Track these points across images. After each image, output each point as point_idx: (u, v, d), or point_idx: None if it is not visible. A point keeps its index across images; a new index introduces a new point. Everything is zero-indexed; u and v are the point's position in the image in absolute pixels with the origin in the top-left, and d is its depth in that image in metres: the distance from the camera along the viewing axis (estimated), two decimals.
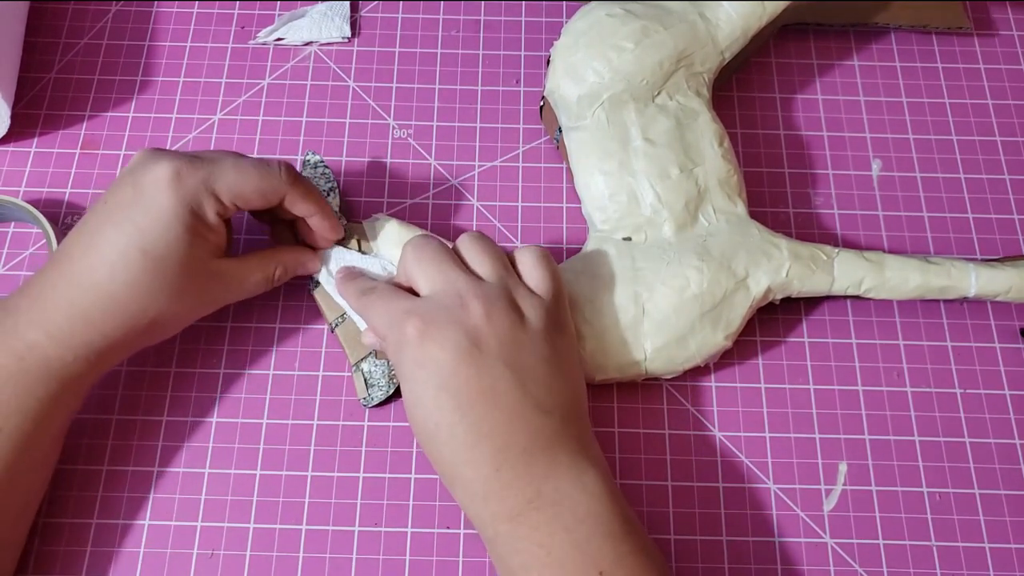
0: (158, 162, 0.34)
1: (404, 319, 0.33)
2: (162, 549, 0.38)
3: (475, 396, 0.32)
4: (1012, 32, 0.50)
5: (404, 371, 0.33)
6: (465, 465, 0.32)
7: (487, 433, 0.32)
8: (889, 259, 0.40)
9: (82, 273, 0.33)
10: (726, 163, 0.41)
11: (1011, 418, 0.41)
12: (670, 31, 0.41)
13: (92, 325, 0.33)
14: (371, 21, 0.50)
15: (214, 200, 0.35)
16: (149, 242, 0.33)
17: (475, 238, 0.36)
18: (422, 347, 0.32)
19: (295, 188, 0.37)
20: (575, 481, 0.32)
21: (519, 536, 0.32)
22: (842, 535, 0.38)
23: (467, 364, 0.32)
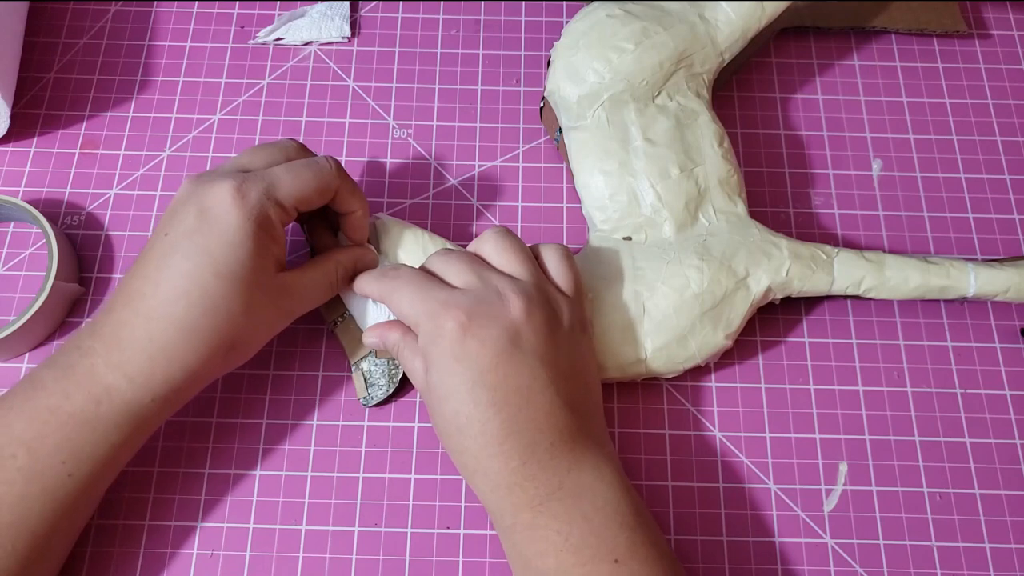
0: (216, 183, 0.33)
1: (443, 311, 0.33)
2: (162, 549, 0.38)
3: (511, 393, 0.32)
4: (1012, 32, 0.50)
5: (439, 363, 0.33)
6: (493, 458, 0.32)
7: (518, 430, 0.32)
8: (889, 259, 0.40)
9: (158, 308, 0.32)
10: (726, 163, 0.41)
11: (1011, 418, 0.41)
12: (670, 32, 0.41)
13: (174, 360, 0.33)
14: (371, 21, 0.50)
15: (279, 209, 0.34)
16: (223, 265, 0.33)
17: (502, 235, 0.36)
18: (463, 342, 0.32)
19: (345, 182, 0.37)
20: (595, 474, 0.33)
21: (539, 524, 0.32)
22: (842, 535, 0.38)
23: (506, 362, 0.32)
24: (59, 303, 0.41)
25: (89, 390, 0.32)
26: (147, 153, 0.46)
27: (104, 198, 0.45)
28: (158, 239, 0.34)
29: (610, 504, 0.32)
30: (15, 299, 0.42)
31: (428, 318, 0.33)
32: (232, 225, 0.33)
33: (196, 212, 0.33)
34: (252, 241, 0.33)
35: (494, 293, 0.33)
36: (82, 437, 0.32)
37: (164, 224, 0.34)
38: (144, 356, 0.32)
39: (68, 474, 0.32)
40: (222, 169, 0.36)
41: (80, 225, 0.44)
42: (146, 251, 0.34)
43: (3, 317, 0.42)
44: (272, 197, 0.34)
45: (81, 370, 0.32)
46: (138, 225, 0.44)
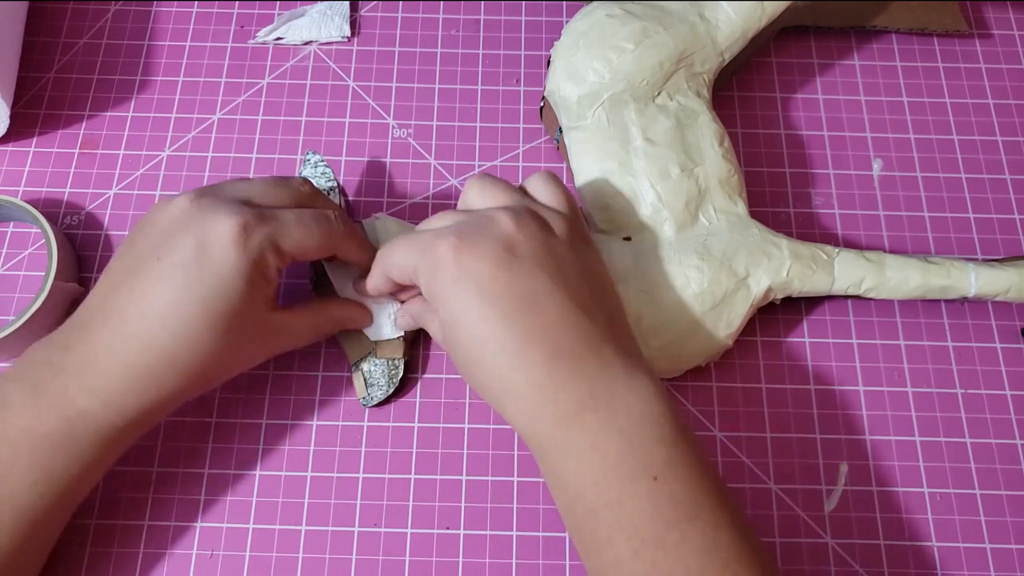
0: (220, 218, 0.32)
1: (435, 240, 0.33)
2: (162, 549, 0.38)
3: (518, 302, 0.31)
4: (1013, 32, 0.50)
5: (442, 292, 0.32)
6: (516, 372, 0.31)
7: (535, 337, 0.31)
8: (889, 259, 0.40)
9: (140, 336, 0.32)
10: (726, 163, 0.41)
11: (1012, 418, 0.41)
12: (670, 32, 0.41)
13: (148, 387, 0.32)
14: (371, 21, 0.50)
15: (277, 256, 0.34)
16: (212, 301, 0.32)
17: (480, 179, 0.36)
18: (458, 262, 0.32)
19: (352, 239, 0.37)
20: (628, 383, 0.32)
21: (573, 440, 0.31)
22: (843, 535, 0.38)
23: (505, 270, 0.32)
24: (59, 303, 0.41)
25: (62, 412, 0.32)
26: (147, 153, 0.46)
27: (104, 198, 0.45)
28: (147, 262, 0.33)
29: (646, 417, 0.31)
30: (15, 299, 0.42)
31: (421, 254, 0.33)
32: (229, 266, 0.32)
33: (195, 245, 0.32)
34: (246, 283, 0.33)
35: (481, 216, 0.33)
36: (54, 459, 0.32)
37: (153, 245, 0.33)
38: (120, 383, 0.32)
39: (39, 495, 0.32)
40: (225, 194, 0.35)
41: (80, 225, 0.44)
42: (131, 268, 0.33)
43: (3, 317, 0.42)
44: (274, 244, 0.34)
45: (54, 390, 0.32)
46: None
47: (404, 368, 0.40)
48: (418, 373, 0.41)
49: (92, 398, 0.32)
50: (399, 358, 0.40)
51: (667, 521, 0.30)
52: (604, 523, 0.30)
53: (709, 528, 0.30)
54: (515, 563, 0.38)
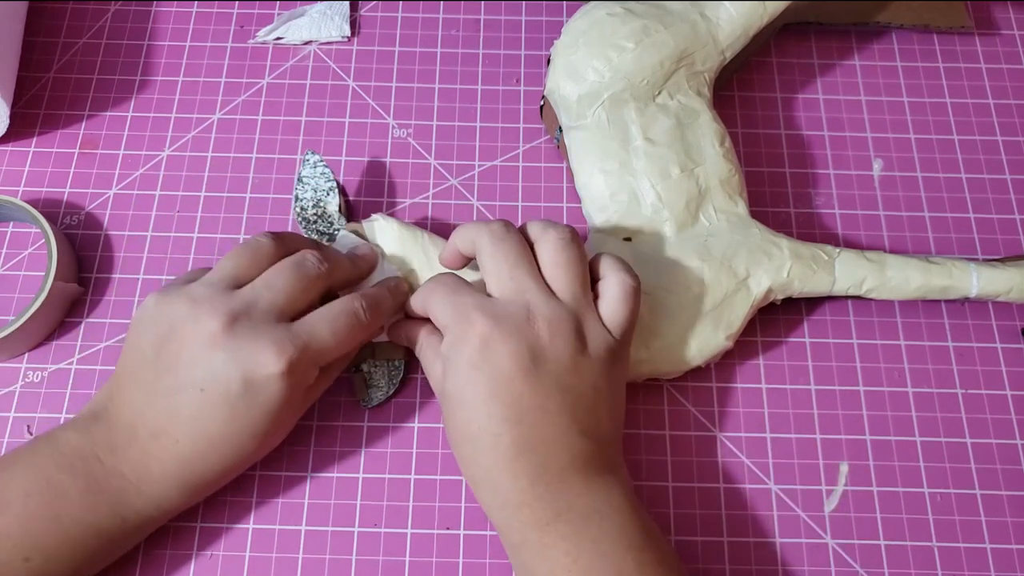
0: (266, 355, 0.32)
1: (471, 315, 0.33)
2: (162, 549, 0.37)
3: (525, 411, 0.32)
4: (1014, 31, 0.50)
5: (458, 369, 0.33)
6: (503, 474, 0.32)
7: (528, 450, 0.32)
8: (890, 259, 0.40)
9: (192, 457, 0.33)
10: (727, 163, 0.41)
11: (1012, 418, 0.41)
12: (671, 30, 0.41)
13: (201, 494, 0.35)
14: (371, 20, 0.50)
15: (317, 370, 0.35)
16: (261, 428, 0.33)
17: (564, 246, 0.34)
18: (484, 350, 0.32)
19: (376, 327, 0.37)
20: (604, 499, 0.33)
21: (546, 544, 0.32)
22: (843, 536, 0.38)
23: (524, 379, 0.32)
24: (58, 303, 0.41)
25: (120, 513, 0.33)
26: (147, 153, 0.46)
27: (103, 198, 0.45)
28: (190, 391, 0.32)
29: (618, 527, 0.32)
30: (14, 299, 0.42)
31: (455, 322, 0.33)
32: (278, 398, 0.33)
33: (240, 379, 0.32)
34: (293, 405, 0.34)
35: (523, 309, 0.33)
36: (100, 549, 0.33)
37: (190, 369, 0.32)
38: (175, 492, 0.34)
39: (74, 571, 0.33)
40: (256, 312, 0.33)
41: (79, 225, 0.44)
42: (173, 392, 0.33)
43: (3, 317, 0.42)
44: (316, 360, 0.34)
45: (111, 492, 0.33)
46: (137, 225, 0.44)
47: (404, 368, 0.40)
48: (418, 373, 0.41)
49: (148, 503, 0.34)
50: (399, 359, 0.40)
51: None
52: None
53: None
54: None
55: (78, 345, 0.41)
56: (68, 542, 0.32)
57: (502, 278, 0.34)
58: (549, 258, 0.34)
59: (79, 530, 0.32)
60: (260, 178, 0.45)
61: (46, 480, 0.32)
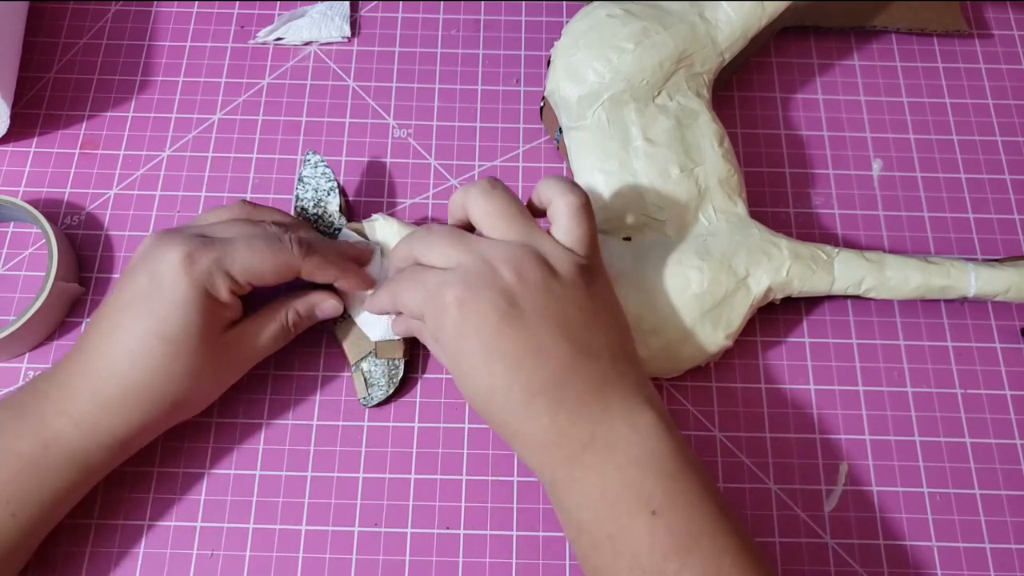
0: (169, 247, 0.34)
1: (439, 291, 0.33)
2: (162, 549, 0.38)
3: (522, 355, 0.32)
4: (1013, 32, 0.50)
5: (448, 344, 0.33)
6: (522, 421, 0.32)
7: (539, 388, 0.32)
8: (889, 259, 0.40)
9: (103, 364, 0.34)
10: (726, 163, 0.41)
11: (1012, 418, 0.41)
12: (670, 32, 0.41)
13: (116, 414, 0.34)
14: (371, 21, 0.50)
15: (227, 279, 0.35)
16: (166, 328, 0.33)
17: (488, 192, 0.34)
18: (462, 315, 0.32)
19: (310, 260, 0.37)
20: (627, 423, 0.32)
21: (575, 477, 0.32)
22: (843, 535, 0.38)
23: (509, 324, 0.32)
24: (59, 303, 0.41)
25: (38, 433, 0.33)
26: (147, 153, 0.46)
27: (104, 198, 0.45)
28: (114, 296, 0.35)
29: (646, 454, 0.32)
30: (15, 299, 0.42)
31: (428, 305, 0.33)
32: (178, 291, 0.33)
33: (147, 275, 0.34)
34: (196, 307, 0.34)
35: (481, 262, 0.33)
36: (28, 479, 0.33)
37: (123, 280, 0.35)
38: (90, 406, 0.34)
39: (11, 514, 0.33)
40: (186, 230, 0.36)
41: (80, 225, 0.44)
42: (104, 305, 0.35)
43: (3, 317, 0.42)
44: (223, 268, 0.34)
45: (32, 413, 0.33)
46: (138, 225, 0.44)
47: (404, 368, 0.40)
48: (418, 373, 0.41)
49: (65, 420, 0.33)
50: (399, 358, 0.40)
51: (665, 552, 0.31)
52: (606, 554, 0.31)
53: (709, 557, 0.31)
54: (515, 563, 0.38)
55: None
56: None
57: (446, 252, 0.34)
58: (480, 212, 0.34)
59: (4, 460, 0.33)
60: (261, 178, 0.45)
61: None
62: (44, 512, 0.34)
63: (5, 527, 0.33)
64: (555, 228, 0.35)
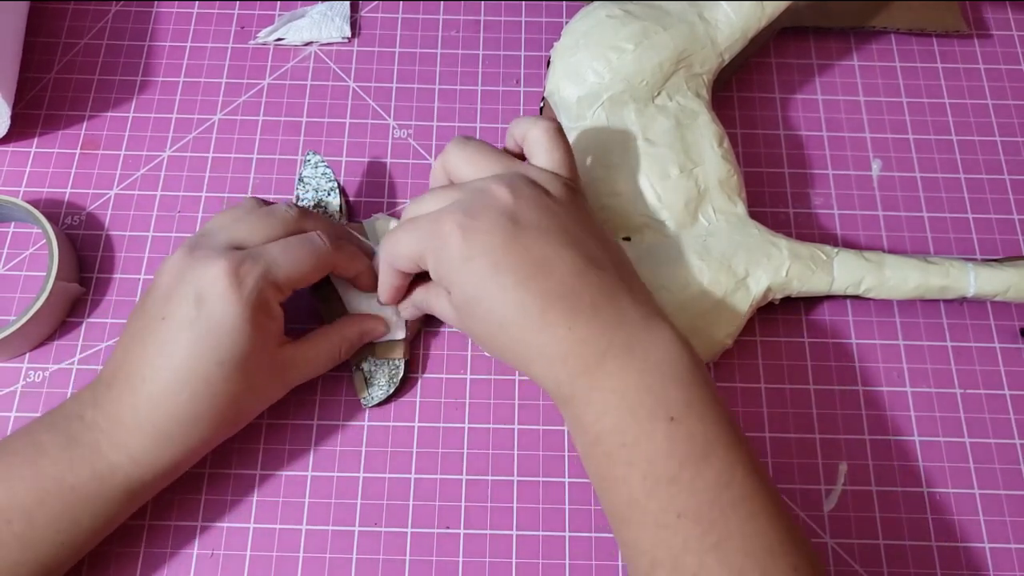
0: (211, 266, 0.33)
1: (439, 222, 0.33)
2: (162, 549, 0.38)
3: (531, 268, 0.32)
4: (1012, 32, 0.50)
5: (455, 272, 0.33)
6: (540, 333, 0.32)
7: (554, 297, 0.32)
8: (888, 259, 0.40)
9: (160, 396, 0.33)
10: (726, 163, 0.41)
11: (1011, 418, 0.41)
12: (670, 32, 0.41)
13: (176, 443, 0.33)
14: (371, 21, 0.50)
15: (275, 290, 0.34)
16: (224, 353, 0.33)
17: (462, 144, 0.36)
18: (467, 240, 0.32)
19: (341, 253, 0.37)
20: (645, 328, 0.32)
21: (595, 386, 0.32)
22: (842, 535, 0.38)
23: (514, 240, 0.32)
24: (60, 303, 0.41)
25: (93, 465, 0.33)
26: (147, 153, 0.46)
27: (105, 198, 0.45)
28: (155, 322, 0.33)
29: (664, 359, 0.32)
30: (15, 299, 0.42)
31: (428, 237, 0.33)
32: (230, 313, 0.33)
33: (193, 299, 0.33)
34: (251, 326, 0.33)
35: (474, 191, 0.33)
36: (81, 510, 0.33)
37: (159, 304, 0.34)
38: (148, 440, 0.33)
39: (61, 543, 0.32)
40: (216, 241, 0.35)
41: (81, 225, 0.44)
42: (143, 330, 0.34)
43: (3, 317, 0.42)
44: (269, 280, 0.34)
45: (86, 444, 0.33)
46: (138, 225, 0.44)
47: (404, 368, 0.40)
48: (418, 373, 0.41)
49: (122, 454, 0.33)
50: (399, 358, 0.40)
51: (681, 459, 0.30)
52: (620, 463, 0.31)
53: (724, 465, 0.31)
54: (515, 563, 0.38)
55: (79, 345, 0.41)
56: (46, 502, 0.32)
57: (440, 197, 0.34)
58: (461, 161, 0.35)
59: (56, 488, 0.32)
60: (261, 179, 0.45)
61: (30, 440, 0.33)
62: (93, 537, 0.34)
63: (55, 554, 0.32)
64: (535, 157, 0.36)
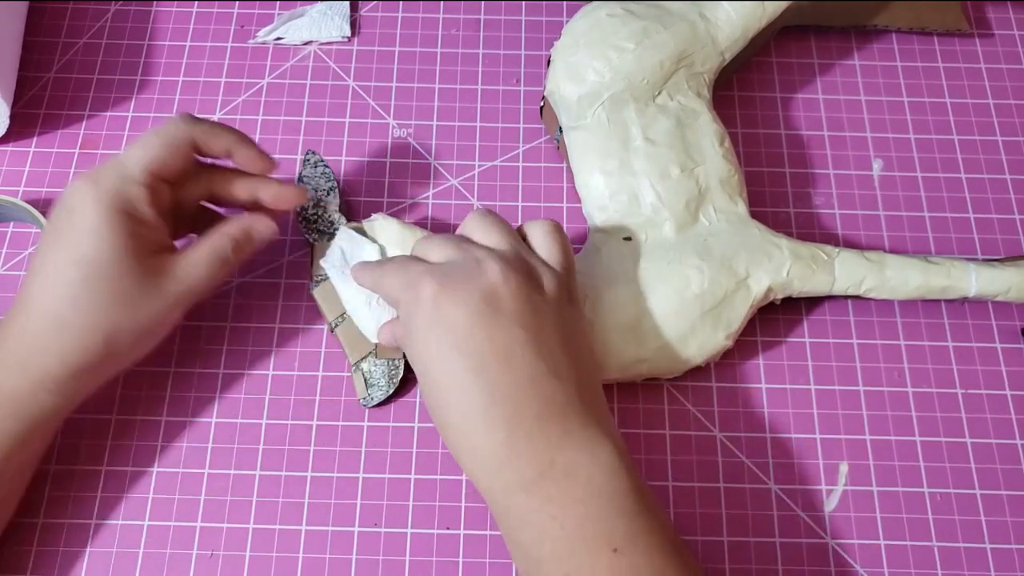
0: (78, 178, 0.34)
1: (419, 279, 0.33)
2: (162, 549, 0.38)
3: (489, 358, 0.31)
4: (1013, 32, 0.50)
5: (417, 332, 0.32)
6: (477, 430, 0.31)
7: (500, 397, 0.31)
8: (890, 259, 0.40)
9: (29, 300, 0.33)
10: (727, 163, 0.41)
11: (1012, 418, 0.41)
12: (670, 31, 0.41)
13: (48, 352, 0.33)
14: (371, 21, 0.50)
15: (139, 187, 0.34)
16: (81, 254, 0.33)
17: (482, 215, 0.36)
18: (436, 307, 0.32)
19: (198, 126, 0.36)
20: (588, 453, 0.31)
21: (532, 508, 0.31)
22: (843, 535, 0.38)
23: (482, 324, 0.31)
24: None
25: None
26: None
27: None
28: (41, 239, 0.35)
29: (607, 487, 0.31)
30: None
31: (405, 289, 0.33)
32: (87, 214, 0.33)
33: (63, 209, 0.34)
34: (109, 227, 0.33)
35: (471, 261, 0.33)
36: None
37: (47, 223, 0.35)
38: (19, 347, 0.33)
39: None
40: None
41: None
42: None
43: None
44: (127, 177, 0.34)
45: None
46: None
47: (404, 368, 0.40)
48: None
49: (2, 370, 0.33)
50: (399, 358, 0.40)
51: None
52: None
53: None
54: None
55: None
56: None
57: (444, 249, 0.35)
58: (478, 225, 0.36)
59: None
60: None
61: None
62: None
63: None
64: (534, 246, 0.36)
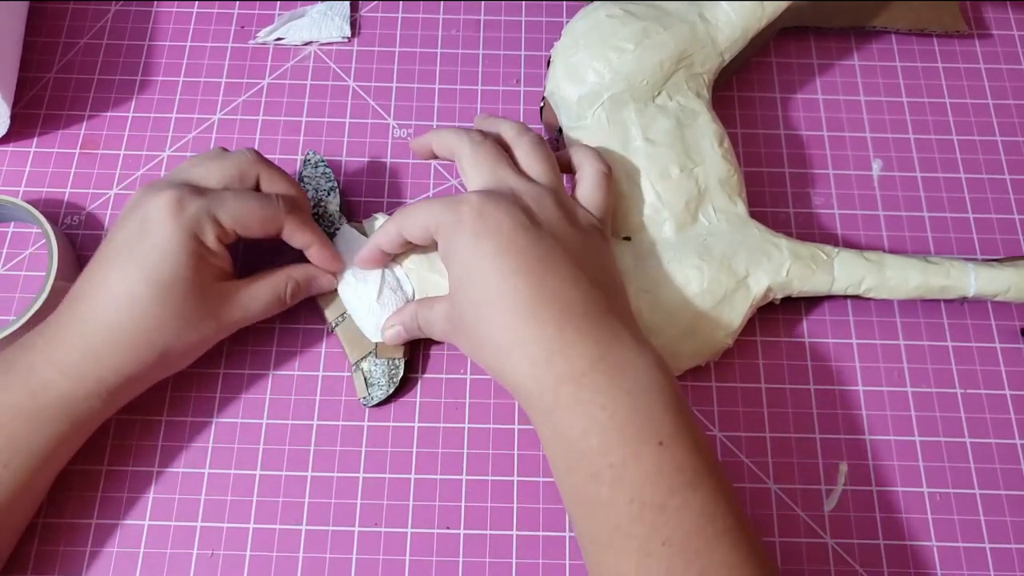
0: (160, 193, 0.35)
1: (460, 199, 0.34)
2: (162, 549, 0.38)
3: (534, 261, 0.32)
4: (1012, 32, 0.50)
5: (460, 246, 0.33)
6: (527, 324, 0.32)
7: (549, 295, 0.32)
8: (889, 259, 0.40)
9: (91, 312, 0.34)
10: (726, 163, 0.41)
11: (1011, 418, 0.41)
12: (670, 32, 0.41)
13: (104, 361, 0.34)
14: (371, 21, 0.50)
15: (215, 225, 0.35)
16: (153, 273, 0.34)
17: (536, 143, 0.37)
18: (481, 217, 0.33)
19: (293, 217, 0.37)
20: (636, 350, 0.32)
21: (581, 399, 0.31)
22: (842, 535, 0.38)
23: (524, 234, 0.33)
24: (59, 303, 0.41)
25: (26, 383, 0.33)
26: (147, 153, 0.46)
27: (104, 198, 0.45)
28: (106, 243, 0.35)
29: (654, 383, 0.32)
30: (15, 299, 0.42)
31: (445, 211, 0.34)
32: (165, 235, 0.34)
33: (137, 222, 0.34)
34: (184, 252, 0.34)
35: (509, 191, 0.35)
36: (18, 428, 0.33)
37: (114, 230, 0.35)
38: (77, 354, 0.34)
39: (3, 464, 0.33)
40: (173, 178, 0.37)
41: (80, 225, 0.44)
42: (94, 257, 0.36)
43: (3, 317, 0.42)
44: (211, 214, 0.35)
45: (21, 364, 0.34)
46: None
47: (404, 368, 0.40)
48: (418, 373, 0.41)
49: (53, 369, 0.33)
50: (399, 358, 0.40)
51: (670, 486, 0.30)
52: (605, 484, 0.30)
53: (710, 495, 0.31)
54: (515, 563, 0.38)
55: None
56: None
57: (484, 175, 0.35)
58: (525, 153, 0.37)
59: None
60: None
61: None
62: (36, 463, 0.34)
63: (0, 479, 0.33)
64: (580, 189, 0.37)
